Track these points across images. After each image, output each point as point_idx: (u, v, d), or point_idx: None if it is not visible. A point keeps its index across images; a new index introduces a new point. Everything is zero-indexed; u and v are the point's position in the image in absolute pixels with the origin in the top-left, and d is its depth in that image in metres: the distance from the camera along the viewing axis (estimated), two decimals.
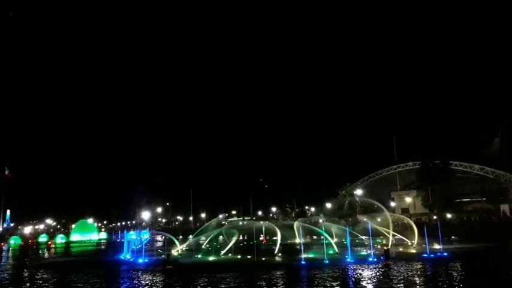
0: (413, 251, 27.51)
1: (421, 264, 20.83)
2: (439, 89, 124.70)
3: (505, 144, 70.95)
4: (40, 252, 44.79)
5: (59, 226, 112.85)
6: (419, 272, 18.52)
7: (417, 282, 16.00)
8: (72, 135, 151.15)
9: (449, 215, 58.52)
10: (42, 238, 64.75)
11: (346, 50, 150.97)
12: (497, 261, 21.72)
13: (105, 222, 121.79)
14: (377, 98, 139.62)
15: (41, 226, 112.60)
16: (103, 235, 71.75)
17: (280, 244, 29.22)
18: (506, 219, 50.14)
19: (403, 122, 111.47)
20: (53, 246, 53.94)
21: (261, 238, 45.12)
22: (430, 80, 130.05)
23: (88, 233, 65.19)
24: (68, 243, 56.99)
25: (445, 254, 23.94)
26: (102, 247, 51.78)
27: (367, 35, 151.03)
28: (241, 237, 56.83)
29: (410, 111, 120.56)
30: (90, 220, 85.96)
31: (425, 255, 23.44)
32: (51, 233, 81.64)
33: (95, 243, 56.23)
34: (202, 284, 17.20)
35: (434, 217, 59.49)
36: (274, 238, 41.48)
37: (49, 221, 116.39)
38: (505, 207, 55.74)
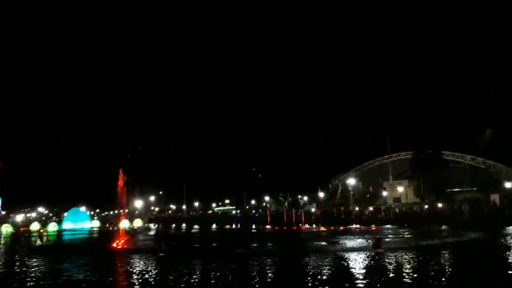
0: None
1: (412, 254, 21.01)
2: (432, 80, 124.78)
3: (497, 135, 71.49)
4: (32, 239, 44.69)
5: (51, 214, 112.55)
6: (410, 261, 18.69)
7: (408, 270, 16.15)
8: (65, 123, 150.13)
9: (440, 205, 59.13)
10: (34, 226, 64.56)
11: (339, 44, 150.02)
12: (488, 252, 22.00)
13: (97, 210, 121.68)
14: (370, 89, 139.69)
15: (33, 214, 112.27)
16: (96, 223, 71.68)
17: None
18: (496, 209, 50.71)
19: (396, 111, 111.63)
20: (45, 234, 53.87)
21: (253, 226, 45.56)
22: (424, 72, 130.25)
23: (80, 221, 65.06)
24: (60, 231, 56.91)
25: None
26: (95, 235, 51.85)
27: (360, 31, 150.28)
28: (234, 226, 57.31)
29: (403, 102, 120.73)
30: (83, 208, 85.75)
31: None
32: (43, 221, 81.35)
33: (87, 232, 56.22)
34: (194, 271, 17.25)
35: (426, 206, 60.12)
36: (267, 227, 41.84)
37: (41, 209, 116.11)
38: (495, 197, 56.31)
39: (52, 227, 62.03)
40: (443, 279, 14.33)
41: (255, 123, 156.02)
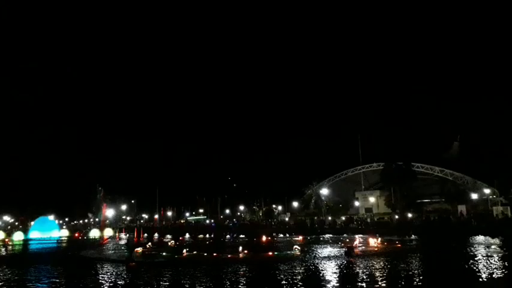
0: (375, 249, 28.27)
1: (382, 260, 21.42)
2: (401, 93, 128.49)
3: (464, 148, 74.03)
4: None
5: (17, 223, 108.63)
6: (380, 266, 19.04)
7: (378, 274, 16.47)
8: (31, 131, 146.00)
9: (410, 215, 60.44)
10: None
11: (310, 57, 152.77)
12: (453, 259, 22.67)
13: (66, 219, 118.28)
14: (343, 101, 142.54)
15: None
16: (64, 232, 69.55)
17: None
18: (463, 220, 52.20)
19: (368, 123, 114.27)
20: (10, 243, 51.95)
21: (228, 236, 45.26)
22: (394, 83, 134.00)
23: (48, 231, 62.93)
24: (26, 241, 54.91)
25: None
26: (63, 244, 50.31)
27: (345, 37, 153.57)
28: (207, 235, 56.81)
29: (375, 114, 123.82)
30: (51, 217, 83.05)
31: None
32: (9, 230, 78.40)
33: (55, 241, 54.49)
34: (165, 280, 17.03)
35: (396, 217, 61.28)
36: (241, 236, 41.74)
37: (6, 218, 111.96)
38: (462, 207, 58.08)
39: (18, 236, 59.75)
40: (409, 284, 14.70)
41: (231, 133, 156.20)
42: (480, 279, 15.35)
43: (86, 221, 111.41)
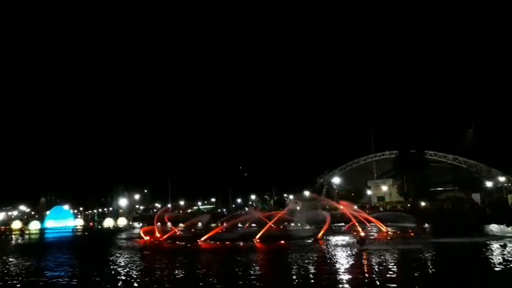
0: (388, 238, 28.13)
1: (394, 251, 21.28)
2: (414, 81, 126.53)
3: (478, 135, 72.97)
4: (13, 238, 43.93)
5: (33, 212, 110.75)
6: (392, 258, 18.93)
7: (391, 267, 16.37)
8: (43, 121, 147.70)
9: (423, 203, 60.03)
10: (16, 224, 63.41)
11: (321, 46, 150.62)
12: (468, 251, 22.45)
13: (81, 208, 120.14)
14: (355, 89, 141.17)
15: (14, 212, 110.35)
16: (79, 221, 70.73)
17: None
18: (478, 208, 51.65)
19: (381, 111, 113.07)
20: (27, 232, 53.04)
21: (239, 225, 45.43)
22: (406, 72, 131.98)
23: (63, 220, 64.04)
24: (42, 230, 56.00)
25: None
26: (78, 233, 51.20)
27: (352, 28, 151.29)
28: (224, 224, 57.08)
29: (387, 102, 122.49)
30: (66, 206, 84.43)
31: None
32: (25, 219, 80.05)
33: (71, 230, 55.44)
34: (179, 267, 17.22)
35: (409, 205, 60.91)
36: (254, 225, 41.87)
37: (23, 207, 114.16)
38: (476, 196, 57.53)
39: (34, 225, 60.95)
40: (421, 274, 14.61)
41: (241, 122, 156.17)
42: (493, 269, 15.16)
43: (101, 210, 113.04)
